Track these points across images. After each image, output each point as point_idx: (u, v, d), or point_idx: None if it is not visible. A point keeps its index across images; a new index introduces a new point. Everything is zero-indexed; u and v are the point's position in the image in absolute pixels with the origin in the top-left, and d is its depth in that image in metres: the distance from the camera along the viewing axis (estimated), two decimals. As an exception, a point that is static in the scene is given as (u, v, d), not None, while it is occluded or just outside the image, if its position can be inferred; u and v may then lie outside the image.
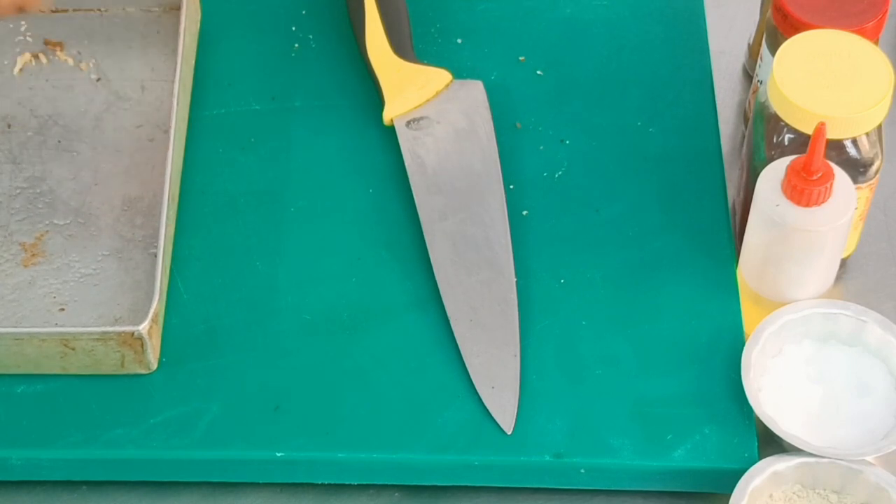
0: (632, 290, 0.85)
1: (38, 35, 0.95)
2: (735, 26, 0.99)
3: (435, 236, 0.86)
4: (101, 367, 0.80)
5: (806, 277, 0.83)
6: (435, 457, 0.79)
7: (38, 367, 0.80)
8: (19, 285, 0.84)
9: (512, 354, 0.81)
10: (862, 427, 0.79)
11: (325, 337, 0.83)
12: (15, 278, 0.85)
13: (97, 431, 0.79)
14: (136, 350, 0.79)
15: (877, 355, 0.81)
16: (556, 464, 0.78)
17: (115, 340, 0.79)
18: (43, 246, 0.86)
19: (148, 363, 0.80)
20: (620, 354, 0.82)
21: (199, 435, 0.79)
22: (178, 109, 0.87)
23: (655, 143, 0.91)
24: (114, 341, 0.79)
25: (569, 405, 0.80)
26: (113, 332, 0.79)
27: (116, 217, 0.87)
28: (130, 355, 0.79)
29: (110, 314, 0.83)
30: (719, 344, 0.82)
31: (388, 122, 0.91)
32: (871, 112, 0.80)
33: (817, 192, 0.79)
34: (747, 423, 0.79)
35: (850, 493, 0.77)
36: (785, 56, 0.81)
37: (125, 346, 0.79)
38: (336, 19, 0.97)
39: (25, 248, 0.85)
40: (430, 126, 0.91)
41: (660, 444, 0.79)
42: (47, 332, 0.79)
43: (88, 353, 0.79)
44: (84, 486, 0.81)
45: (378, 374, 0.81)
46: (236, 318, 0.84)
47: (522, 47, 0.96)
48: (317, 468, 0.80)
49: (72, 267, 0.85)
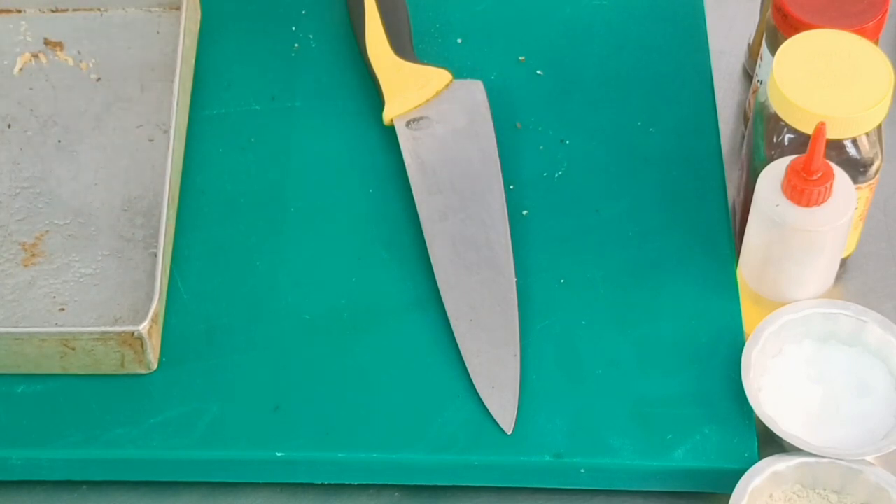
0: (632, 290, 0.85)
1: (37, 35, 0.95)
2: (735, 26, 0.99)
3: (435, 236, 0.86)
4: (101, 366, 0.80)
5: (806, 277, 0.83)
6: (435, 457, 0.79)
7: (38, 367, 0.80)
8: (19, 285, 0.84)
9: (512, 354, 0.81)
10: (862, 427, 0.79)
11: (325, 337, 0.83)
12: (15, 278, 0.85)
13: (97, 431, 0.79)
14: (136, 350, 0.79)
15: (877, 355, 0.81)
16: (556, 464, 0.78)
17: (115, 340, 0.79)
18: (43, 246, 0.86)
19: (148, 363, 0.80)
20: (620, 354, 0.82)
21: (199, 435, 0.79)
22: (178, 109, 0.88)
23: (655, 143, 0.91)
24: (114, 341, 0.79)
25: (569, 405, 0.80)
26: (113, 332, 0.79)
27: (116, 217, 0.87)
28: (130, 355, 0.79)
29: (110, 314, 0.83)
30: (719, 344, 0.82)
31: (388, 122, 0.91)
32: (871, 112, 0.80)
33: (817, 192, 0.79)
34: (747, 423, 0.79)
35: (850, 493, 0.77)
36: (785, 56, 0.81)
37: (125, 345, 0.79)
38: (336, 19, 0.97)
39: (25, 247, 0.85)
40: (431, 126, 0.91)
41: (660, 444, 0.79)
42: (47, 332, 0.79)
43: (88, 353, 0.79)
44: (84, 486, 0.81)
45: (378, 374, 0.81)
46: (236, 318, 0.84)
47: (522, 47, 0.96)
48: (317, 468, 0.80)
49: (72, 267, 0.85)
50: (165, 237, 0.83)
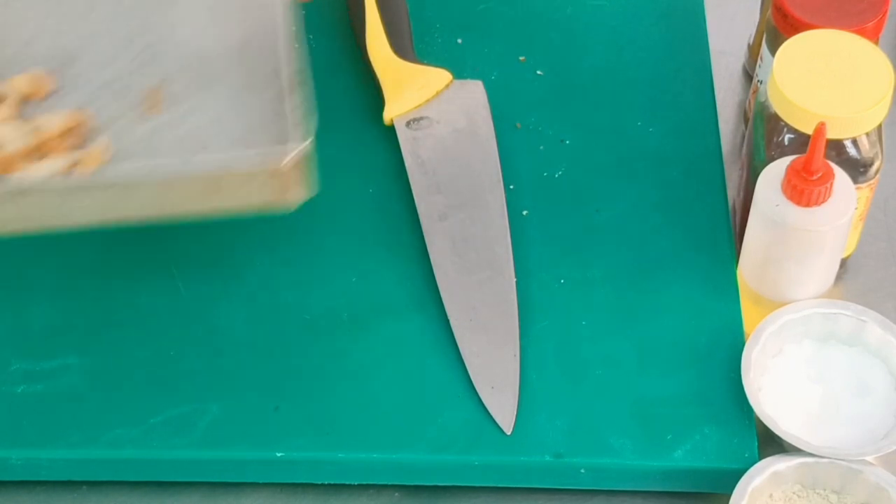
0: (632, 290, 0.85)
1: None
2: (735, 26, 0.99)
3: (435, 236, 0.86)
4: (250, 199, 0.77)
5: (806, 277, 0.83)
6: (435, 457, 0.79)
7: (182, 210, 0.77)
8: (146, 135, 0.81)
9: (512, 354, 0.81)
10: (862, 427, 0.79)
11: (325, 337, 0.83)
12: (141, 127, 0.82)
13: (97, 431, 0.79)
14: (286, 181, 0.76)
15: (877, 355, 0.81)
16: (556, 464, 0.78)
17: (266, 174, 0.76)
18: (164, 93, 0.83)
19: (296, 195, 0.77)
20: (620, 354, 0.82)
21: (199, 435, 0.79)
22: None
23: (655, 143, 0.91)
24: (263, 174, 0.76)
25: (569, 405, 0.80)
26: (263, 160, 0.76)
27: (234, 58, 0.84)
28: (278, 187, 0.76)
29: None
30: (719, 344, 0.82)
31: (389, 122, 0.91)
32: (871, 112, 0.80)
33: (817, 192, 0.79)
34: (747, 423, 0.79)
35: (850, 493, 0.77)
36: (785, 56, 0.81)
37: (275, 178, 0.76)
38: (336, 19, 0.97)
39: (146, 96, 0.83)
40: (431, 126, 0.91)
41: (660, 444, 0.79)
42: (195, 167, 0.76)
43: (236, 188, 0.76)
44: (84, 486, 0.81)
45: (378, 374, 0.81)
46: (236, 317, 0.84)
47: (522, 47, 0.96)
48: (317, 468, 0.80)
49: (197, 111, 0.82)
50: (288, 73, 0.80)
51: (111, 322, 0.84)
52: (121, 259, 0.86)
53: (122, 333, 0.83)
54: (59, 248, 0.86)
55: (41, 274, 0.86)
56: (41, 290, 0.85)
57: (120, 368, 0.82)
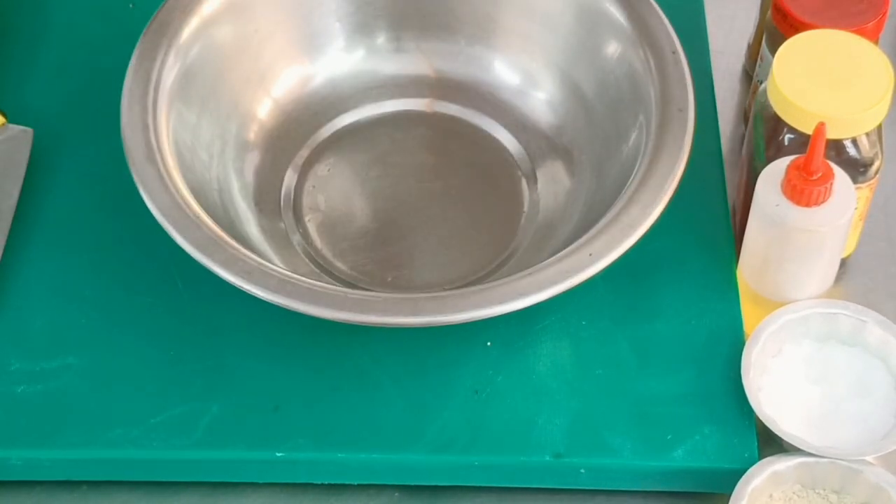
0: (632, 290, 0.85)
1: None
2: (735, 26, 0.99)
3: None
4: None
5: (806, 277, 0.83)
6: (435, 457, 0.79)
7: None
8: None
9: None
10: (862, 427, 0.79)
11: (325, 337, 0.83)
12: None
13: (97, 431, 0.79)
14: None
15: (877, 355, 0.81)
16: (556, 464, 0.78)
17: None
18: None
19: None
20: (620, 354, 0.82)
21: (199, 435, 0.79)
22: None
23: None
24: None
25: (569, 405, 0.80)
26: None
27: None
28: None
29: None
30: (719, 344, 0.82)
31: None
32: (871, 112, 0.80)
33: (817, 192, 0.79)
34: (747, 423, 0.79)
35: (850, 493, 0.77)
36: (785, 56, 0.81)
37: None
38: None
39: None
40: None
41: (660, 444, 0.79)
42: None
43: None
44: (84, 486, 0.81)
45: (378, 374, 0.81)
46: (236, 317, 0.84)
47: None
48: (317, 468, 0.80)
49: None
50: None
51: (111, 322, 0.84)
52: (121, 259, 0.86)
53: (122, 333, 0.83)
54: (59, 248, 0.86)
55: (41, 274, 0.86)
56: (41, 290, 0.85)
57: (120, 368, 0.82)
